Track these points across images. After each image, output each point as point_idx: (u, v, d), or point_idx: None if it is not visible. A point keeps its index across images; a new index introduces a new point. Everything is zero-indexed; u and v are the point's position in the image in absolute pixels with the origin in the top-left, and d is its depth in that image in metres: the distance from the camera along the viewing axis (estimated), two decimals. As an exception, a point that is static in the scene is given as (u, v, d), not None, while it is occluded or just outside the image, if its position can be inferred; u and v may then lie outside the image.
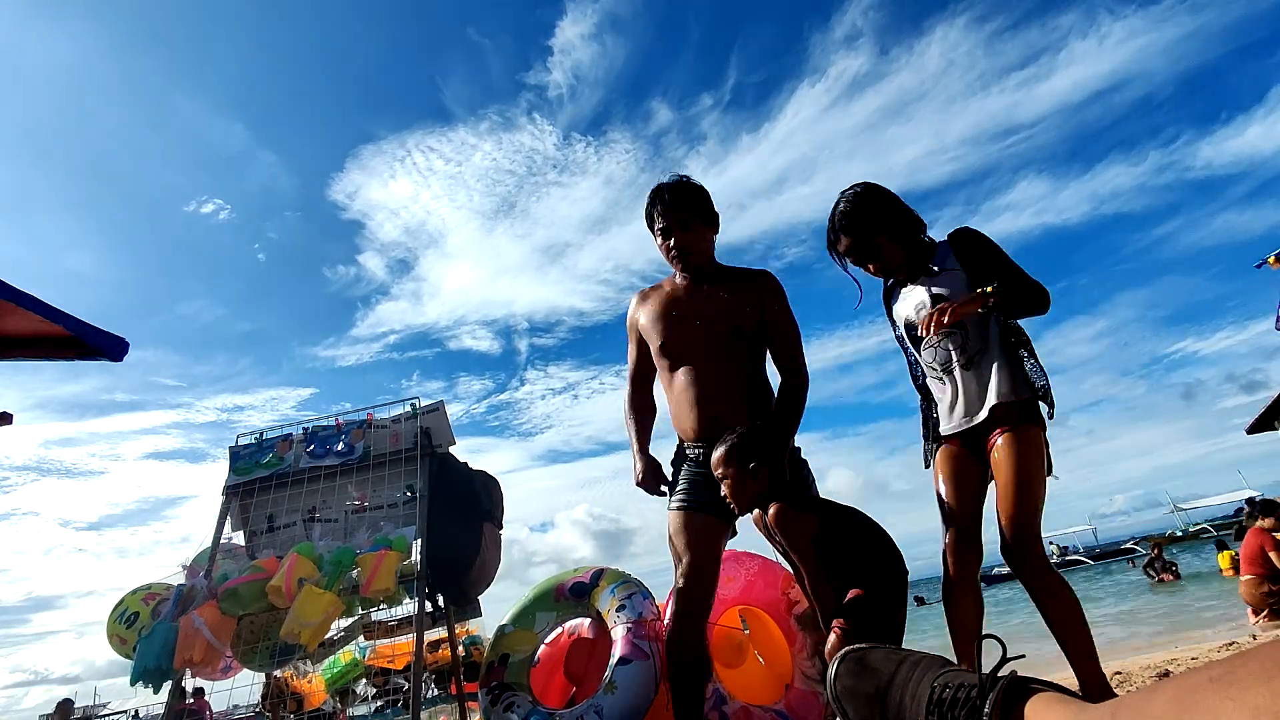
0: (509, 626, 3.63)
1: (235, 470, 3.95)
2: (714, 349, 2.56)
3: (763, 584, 3.57)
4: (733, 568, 3.58)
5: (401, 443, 3.94)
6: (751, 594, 3.54)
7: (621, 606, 3.39)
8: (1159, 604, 11.24)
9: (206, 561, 3.74)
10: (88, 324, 2.20)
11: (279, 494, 3.84)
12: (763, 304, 2.62)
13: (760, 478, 2.24)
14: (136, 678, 3.15)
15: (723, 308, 2.58)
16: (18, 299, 1.91)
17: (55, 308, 2.04)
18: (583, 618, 3.74)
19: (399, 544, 3.46)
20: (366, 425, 4.02)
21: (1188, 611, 9.07)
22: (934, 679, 0.90)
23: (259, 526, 3.85)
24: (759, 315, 2.61)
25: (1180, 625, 7.71)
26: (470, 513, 3.86)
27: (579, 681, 3.66)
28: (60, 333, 2.15)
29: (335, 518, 3.84)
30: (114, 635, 4.15)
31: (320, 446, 3.98)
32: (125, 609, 4.19)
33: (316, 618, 3.11)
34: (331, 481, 3.93)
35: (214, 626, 3.24)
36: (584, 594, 3.60)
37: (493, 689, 3.38)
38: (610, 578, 3.60)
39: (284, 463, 3.93)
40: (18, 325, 2.11)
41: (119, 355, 2.38)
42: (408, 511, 3.78)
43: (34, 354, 2.28)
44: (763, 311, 2.62)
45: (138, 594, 4.27)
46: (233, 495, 3.90)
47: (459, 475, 4.00)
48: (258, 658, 3.45)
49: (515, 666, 3.45)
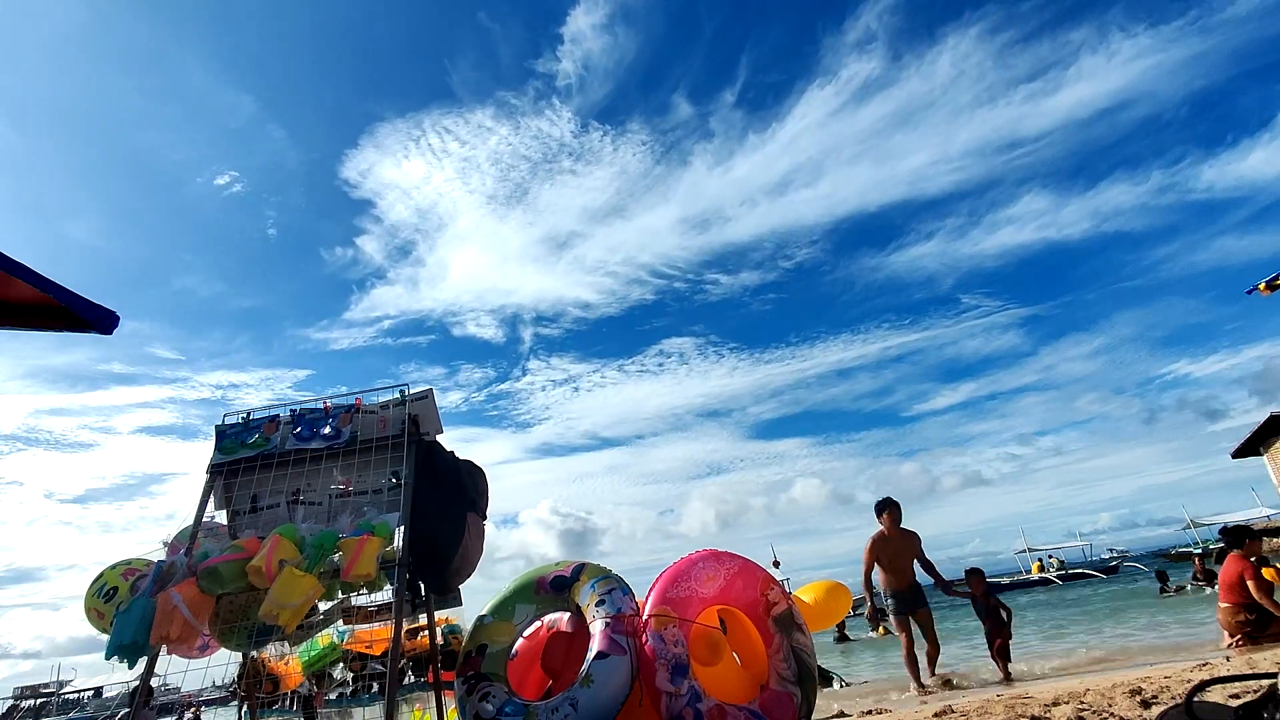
0: (488, 617, 3.65)
1: (220, 449, 3.94)
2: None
3: (742, 584, 3.59)
4: (713, 567, 3.60)
5: (389, 428, 3.94)
6: (730, 594, 3.56)
7: (601, 601, 3.41)
8: (1164, 617, 11.24)
9: (187, 539, 3.73)
10: (78, 295, 2.18)
11: (263, 475, 3.83)
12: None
13: None
14: (111, 653, 3.14)
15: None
16: (6, 265, 1.89)
17: (45, 276, 2.03)
18: (562, 611, 3.75)
19: (382, 530, 3.46)
20: (354, 410, 4.02)
21: (1190, 625, 9.15)
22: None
23: (242, 506, 3.85)
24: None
25: (1168, 640, 7.79)
26: (455, 502, 3.86)
27: (556, 675, 3.67)
28: (49, 302, 2.13)
29: (319, 501, 3.84)
30: (91, 609, 4.13)
31: (307, 429, 3.97)
32: (104, 583, 4.17)
33: (296, 600, 3.11)
34: (317, 464, 3.92)
35: (192, 604, 3.24)
36: (564, 588, 3.61)
37: (469, 679, 3.39)
38: (591, 573, 3.62)
39: (270, 444, 3.92)
40: (4, 292, 2.09)
41: (109, 328, 2.36)
42: (392, 498, 3.78)
43: (21, 323, 2.26)
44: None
45: (117, 569, 4.25)
46: (217, 474, 3.89)
47: (445, 464, 4.00)
48: (235, 637, 3.45)
49: (493, 657, 3.47)
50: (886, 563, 6.30)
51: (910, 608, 6.19)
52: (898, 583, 6.28)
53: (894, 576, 6.29)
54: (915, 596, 6.24)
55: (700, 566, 3.58)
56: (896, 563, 6.29)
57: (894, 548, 6.32)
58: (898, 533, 6.40)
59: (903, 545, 6.37)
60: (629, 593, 3.51)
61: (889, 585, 6.32)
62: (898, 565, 6.30)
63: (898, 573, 6.29)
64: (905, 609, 6.20)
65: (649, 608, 3.39)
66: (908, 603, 6.21)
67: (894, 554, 6.29)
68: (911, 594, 6.23)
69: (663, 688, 3.07)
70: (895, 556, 6.29)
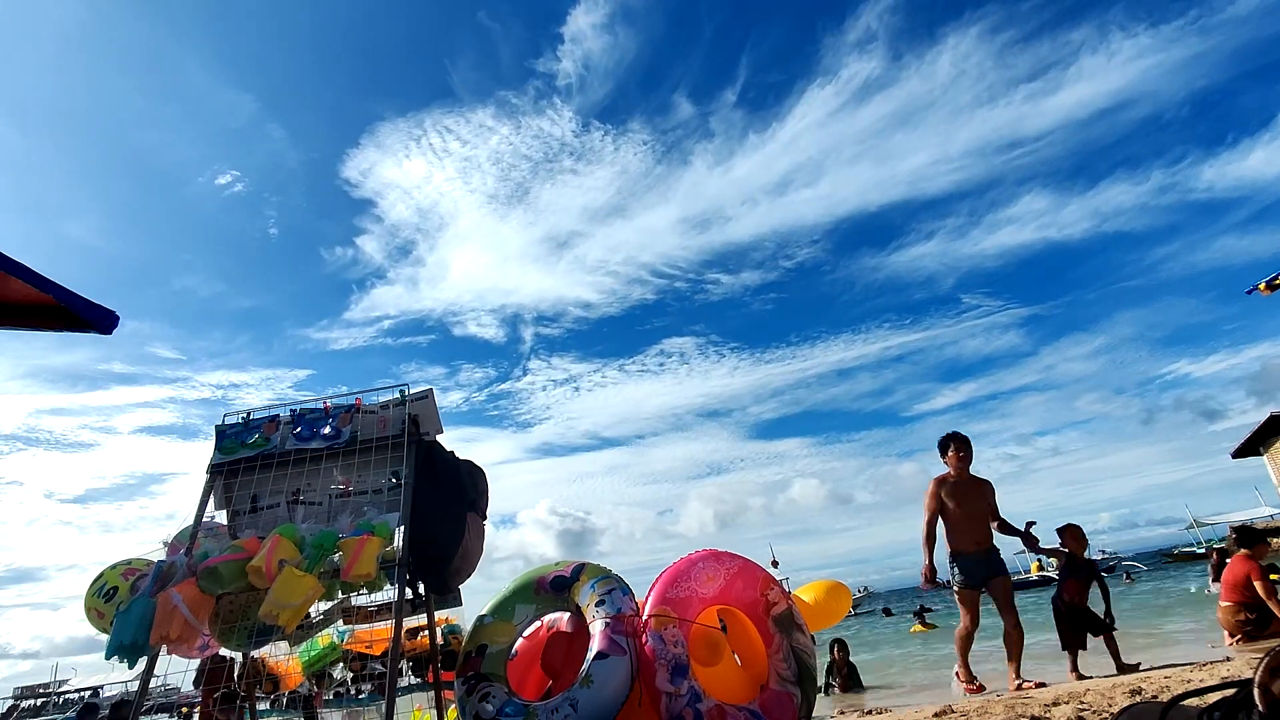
0: (488, 617, 3.65)
1: (221, 449, 3.94)
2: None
3: (742, 584, 3.59)
4: (713, 567, 3.60)
5: (389, 428, 3.94)
6: (730, 594, 3.56)
7: (601, 602, 3.41)
8: (1170, 616, 11.22)
9: (187, 539, 3.73)
10: (78, 295, 2.18)
11: (263, 475, 3.83)
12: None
13: None
14: (111, 653, 3.14)
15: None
16: (6, 265, 1.89)
17: (45, 276, 2.02)
18: (562, 611, 3.75)
19: (381, 530, 3.46)
20: (354, 410, 4.02)
21: (1190, 625, 9.14)
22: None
23: (242, 506, 3.84)
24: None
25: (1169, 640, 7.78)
26: (455, 502, 3.86)
27: (556, 675, 3.67)
28: (49, 302, 2.12)
29: (319, 501, 3.83)
30: (92, 609, 4.13)
31: (307, 429, 3.97)
32: (104, 583, 4.17)
33: (296, 600, 3.11)
34: (317, 464, 3.92)
35: (192, 604, 3.24)
36: (564, 588, 3.61)
37: (469, 679, 3.39)
38: (591, 573, 3.62)
39: (270, 444, 3.92)
40: (4, 293, 2.08)
41: (109, 328, 2.35)
42: (392, 498, 3.78)
43: (21, 323, 2.26)
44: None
45: (117, 569, 4.25)
46: (217, 474, 3.89)
47: (445, 464, 4.00)
48: (235, 637, 3.44)
49: (493, 657, 3.47)
50: (953, 516, 4.74)
51: (985, 577, 4.64)
52: (967, 543, 4.70)
53: (962, 534, 4.72)
54: (991, 562, 4.70)
55: (700, 566, 3.58)
56: (967, 517, 4.73)
57: (963, 495, 4.77)
58: (968, 477, 4.86)
59: (974, 493, 4.82)
60: (629, 593, 3.51)
61: (955, 547, 4.74)
62: (968, 520, 4.73)
63: (968, 530, 4.72)
64: (977, 580, 4.64)
65: (649, 608, 3.39)
66: (981, 570, 4.66)
67: (963, 504, 4.74)
68: (987, 559, 4.69)
69: (663, 688, 3.07)
70: (965, 507, 4.73)
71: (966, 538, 4.72)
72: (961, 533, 4.74)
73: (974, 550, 4.71)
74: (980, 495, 4.84)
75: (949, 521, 4.78)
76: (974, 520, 4.76)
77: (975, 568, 4.69)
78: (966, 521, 4.74)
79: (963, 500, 4.76)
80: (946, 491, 4.80)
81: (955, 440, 4.91)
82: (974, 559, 4.70)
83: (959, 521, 4.75)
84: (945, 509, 4.78)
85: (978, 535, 4.74)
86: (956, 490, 4.80)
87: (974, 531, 4.74)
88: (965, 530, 4.73)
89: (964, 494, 4.79)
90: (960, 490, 4.80)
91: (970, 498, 4.79)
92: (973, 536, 4.72)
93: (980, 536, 4.74)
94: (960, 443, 4.89)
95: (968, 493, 4.80)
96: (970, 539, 4.72)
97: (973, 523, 4.75)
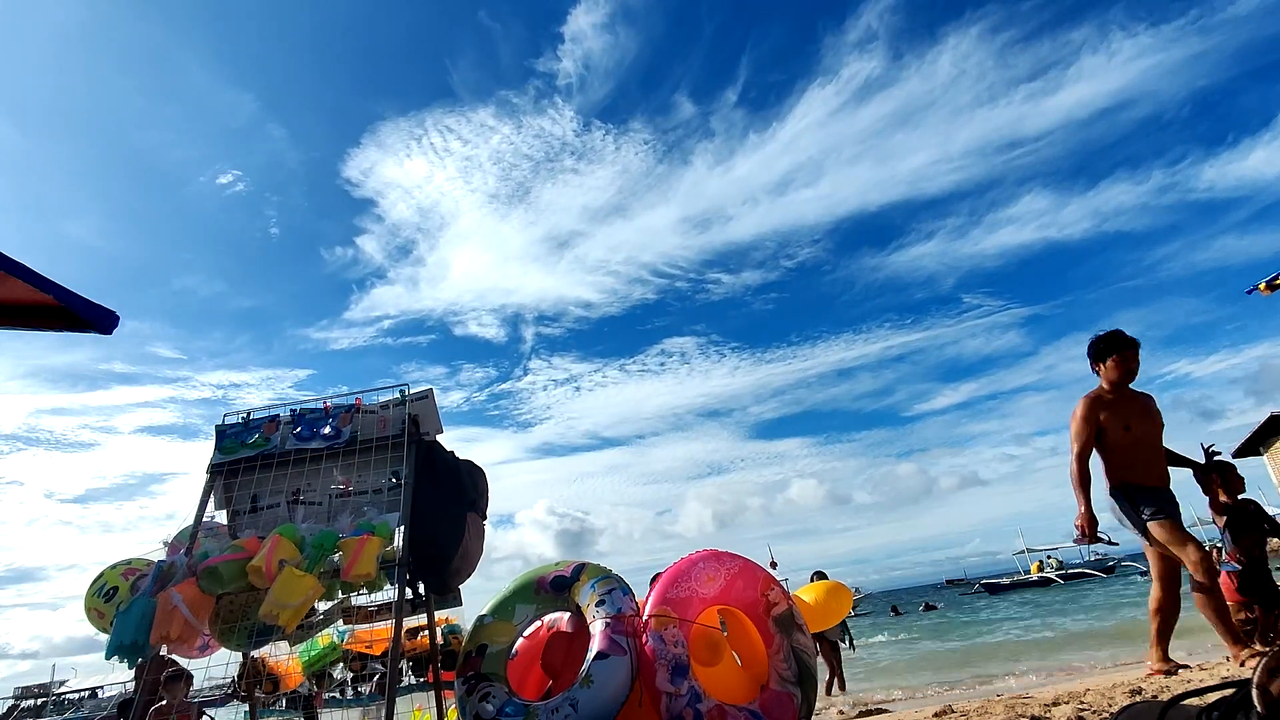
0: (488, 617, 3.64)
1: (221, 449, 3.93)
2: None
3: (742, 584, 3.59)
4: (713, 567, 3.59)
5: (389, 428, 3.94)
6: (731, 594, 3.56)
7: (601, 602, 3.40)
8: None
9: (188, 539, 3.73)
10: (78, 295, 2.18)
11: (263, 475, 3.83)
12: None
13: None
14: (112, 652, 3.14)
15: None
16: (6, 265, 1.89)
17: (45, 276, 2.02)
18: (562, 611, 3.75)
19: (382, 530, 3.46)
20: (354, 410, 4.01)
21: (1191, 624, 9.13)
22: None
23: (242, 506, 3.84)
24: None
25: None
26: (455, 502, 3.86)
27: (556, 674, 3.67)
28: (49, 302, 2.12)
29: (319, 501, 3.83)
30: (92, 609, 4.12)
31: (307, 429, 3.97)
32: (104, 583, 4.17)
33: (296, 600, 3.11)
34: (317, 464, 3.92)
35: (192, 604, 3.23)
36: (564, 588, 3.61)
37: (469, 679, 3.39)
38: (591, 573, 3.62)
39: (270, 443, 3.92)
40: (4, 293, 2.08)
41: (109, 328, 2.35)
42: (392, 498, 3.78)
43: (21, 323, 2.26)
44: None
45: (117, 569, 4.24)
46: (217, 474, 3.89)
47: (445, 464, 4.00)
48: (235, 637, 3.44)
49: (493, 657, 3.46)
50: (1119, 444, 3.56)
51: (1172, 511, 3.50)
52: (1144, 475, 3.52)
53: (1134, 467, 3.54)
54: (1171, 498, 3.56)
55: (700, 567, 3.58)
56: (1138, 443, 3.54)
57: (1132, 415, 3.59)
58: (1131, 393, 3.66)
59: (1144, 412, 3.62)
60: (629, 593, 3.51)
61: (1126, 479, 3.55)
62: (1141, 447, 3.55)
63: (1142, 462, 3.54)
64: (1174, 508, 3.52)
65: (649, 608, 3.38)
66: (1169, 503, 3.52)
67: (1134, 426, 3.55)
68: (1170, 494, 3.57)
69: (663, 688, 3.07)
70: (1136, 430, 3.55)
71: (1141, 469, 3.49)
72: (1133, 465, 3.51)
73: (1153, 487, 3.52)
74: (1151, 416, 3.61)
75: (1113, 452, 3.58)
76: (1149, 448, 3.56)
77: (1165, 501, 3.51)
78: (1138, 450, 3.53)
79: (1133, 421, 3.55)
80: (1108, 413, 3.57)
81: (1118, 341, 3.62)
82: (1161, 493, 3.53)
83: (1128, 450, 3.53)
84: (1105, 436, 3.57)
85: (1157, 468, 3.54)
86: (1120, 409, 3.58)
87: (1150, 464, 3.54)
88: (1138, 461, 3.52)
89: (1132, 413, 3.58)
90: (1125, 409, 3.58)
91: (1141, 418, 3.58)
92: (1151, 468, 3.52)
93: (1160, 470, 3.55)
94: (1125, 346, 3.58)
95: (1137, 412, 3.59)
96: (1149, 470, 3.52)
97: (1148, 451, 3.55)
